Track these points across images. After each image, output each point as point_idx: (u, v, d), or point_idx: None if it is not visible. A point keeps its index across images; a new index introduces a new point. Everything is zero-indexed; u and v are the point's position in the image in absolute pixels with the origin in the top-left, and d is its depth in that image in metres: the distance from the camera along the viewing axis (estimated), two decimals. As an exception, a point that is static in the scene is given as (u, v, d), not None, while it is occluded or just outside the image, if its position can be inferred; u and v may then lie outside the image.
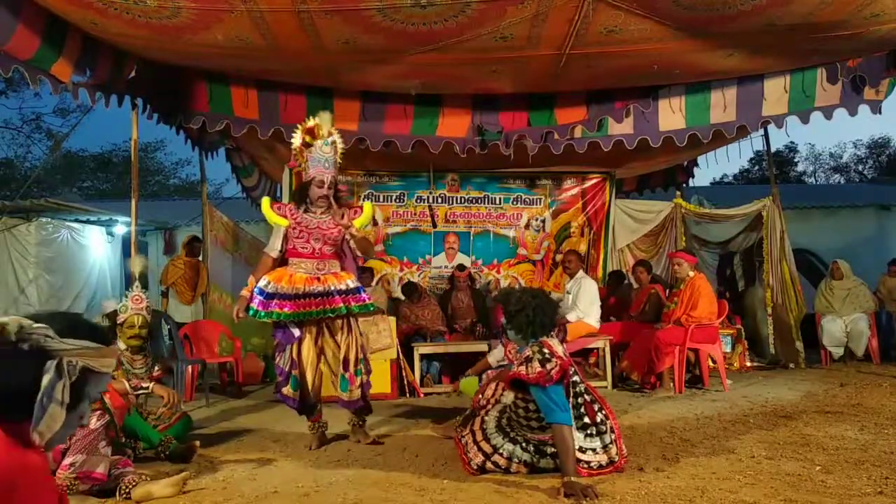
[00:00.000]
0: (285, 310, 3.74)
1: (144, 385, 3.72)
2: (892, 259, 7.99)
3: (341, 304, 3.80)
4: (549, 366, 2.94)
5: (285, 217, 3.91)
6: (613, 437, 3.17)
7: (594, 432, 3.14)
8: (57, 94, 4.93)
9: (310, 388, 3.90)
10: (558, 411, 2.91)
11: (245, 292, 3.88)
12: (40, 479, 1.28)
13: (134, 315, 3.93)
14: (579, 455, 3.02)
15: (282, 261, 4.00)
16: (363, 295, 3.93)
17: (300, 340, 3.84)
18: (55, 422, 1.36)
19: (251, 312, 3.77)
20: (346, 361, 3.89)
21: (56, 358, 1.39)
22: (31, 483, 1.23)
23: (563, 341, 3.54)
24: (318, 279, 3.84)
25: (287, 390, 3.88)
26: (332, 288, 3.83)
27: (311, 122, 3.89)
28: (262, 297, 3.78)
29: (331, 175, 3.90)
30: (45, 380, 1.36)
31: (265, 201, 3.99)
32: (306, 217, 3.92)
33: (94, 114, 8.78)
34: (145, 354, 3.99)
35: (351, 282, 3.92)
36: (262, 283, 3.82)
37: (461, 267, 7.13)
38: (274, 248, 3.97)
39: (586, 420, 3.15)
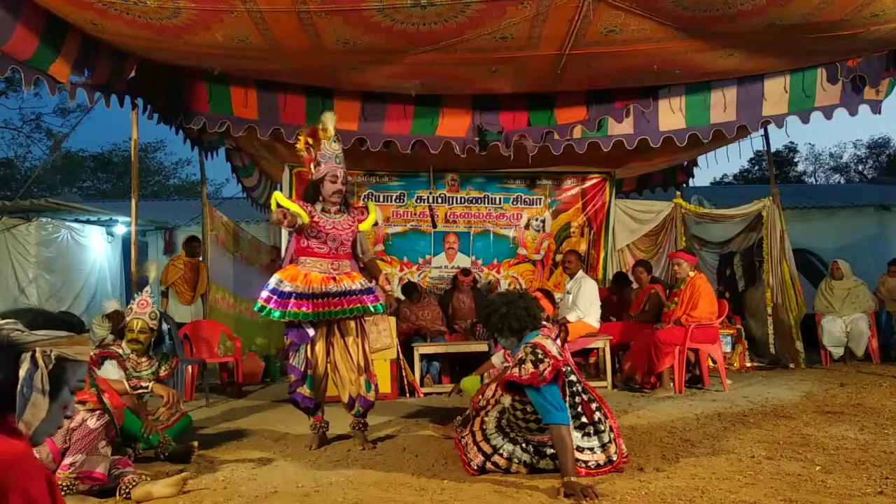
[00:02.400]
0: (303, 309, 3.71)
1: (144, 385, 3.71)
2: (893, 259, 7.99)
3: (359, 304, 3.82)
4: (541, 367, 2.94)
5: (307, 212, 3.83)
6: (612, 436, 3.17)
7: (592, 431, 3.15)
8: (53, 95, 4.91)
9: (321, 385, 3.93)
10: (554, 411, 2.91)
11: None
12: (28, 466, 1.27)
13: (134, 319, 3.92)
14: (577, 455, 3.02)
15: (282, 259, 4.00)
16: (375, 295, 3.94)
17: (313, 341, 3.84)
18: (39, 409, 1.37)
19: (265, 312, 3.73)
20: (365, 363, 3.94)
21: (30, 349, 1.40)
22: (19, 470, 1.23)
23: (564, 341, 3.54)
24: (335, 279, 3.84)
25: (304, 390, 3.88)
26: (348, 288, 3.84)
27: (314, 126, 3.91)
28: (277, 297, 3.73)
29: (343, 170, 3.91)
30: (23, 371, 1.36)
31: (279, 193, 3.94)
32: (323, 217, 3.90)
33: (94, 114, 8.78)
34: (150, 357, 3.99)
35: (362, 282, 3.93)
36: (274, 282, 3.79)
37: (466, 272, 7.08)
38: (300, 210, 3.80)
39: (584, 420, 3.15)
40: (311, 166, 3.93)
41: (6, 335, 1.39)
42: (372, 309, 3.88)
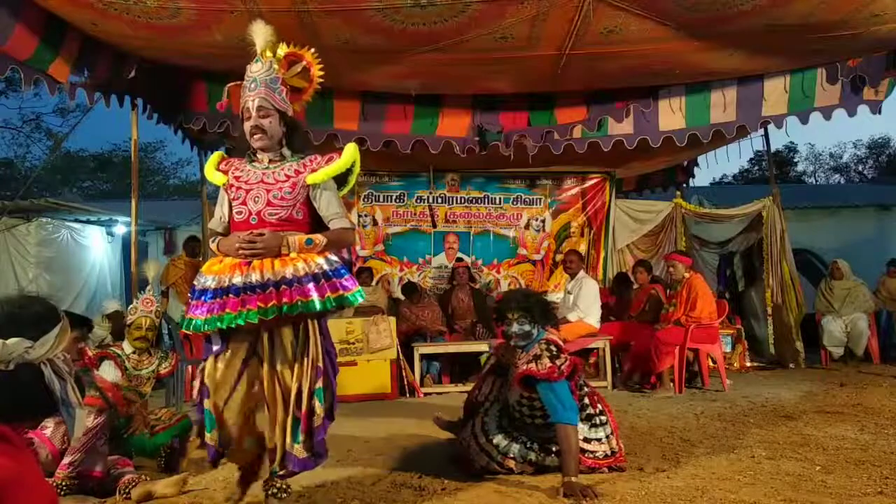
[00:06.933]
0: (197, 314, 2.48)
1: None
2: (892, 259, 7.99)
3: (297, 299, 2.40)
4: (558, 361, 2.98)
5: (225, 173, 2.71)
6: (610, 429, 3.22)
7: (598, 423, 3.20)
8: (53, 95, 4.92)
9: (229, 426, 2.56)
10: (562, 410, 2.92)
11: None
12: (30, 482, 1.20)
13: (142, 317, 3.92)
14: (584, 445, 3.06)
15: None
16: (341, 280, 2.49)
17: (217, 355, 2.58)
18: (81, 421, 1.35)
19: (183, 323, 2.67)
20: (298, 394, 2.48)
21: (43, 363, 1.31)
22: (20, 486, 1.17)
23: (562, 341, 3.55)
24: (249, 263, 2.47)
25: (207, 436, 2.55)
26: (274, 276, 2.43)
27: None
28: (194, 298, 2.58)
29: (258, 97, 2.71)
30: (56, 388, 1.28)
31: (214, 156, 2.86)
32: (248, 169, 2.67)
33: (94, 114, 8.75)
34: (150, 354, 3.99)
35: (314, 264, 2.48)
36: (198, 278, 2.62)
37: (458, 259, 7.18)
38: (216, 219, 2.76)
39: (590, 411, 3.20)
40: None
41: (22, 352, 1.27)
42: (329, 305, 2.42)
